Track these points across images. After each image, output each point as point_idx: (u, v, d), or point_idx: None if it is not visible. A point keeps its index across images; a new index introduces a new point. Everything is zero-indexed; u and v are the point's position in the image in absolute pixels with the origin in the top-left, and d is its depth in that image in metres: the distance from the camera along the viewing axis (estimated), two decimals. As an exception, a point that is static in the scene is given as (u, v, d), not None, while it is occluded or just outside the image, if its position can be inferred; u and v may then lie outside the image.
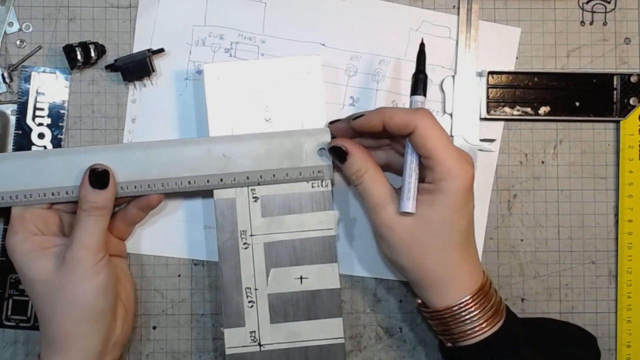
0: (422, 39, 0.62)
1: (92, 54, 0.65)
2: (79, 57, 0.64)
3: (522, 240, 0.68)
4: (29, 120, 0.66)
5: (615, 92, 0.67)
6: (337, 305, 0.63)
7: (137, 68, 0.65)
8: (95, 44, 0.65)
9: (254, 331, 0.63)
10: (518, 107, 0.67)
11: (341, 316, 0.63)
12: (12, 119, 0.66)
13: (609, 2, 0.68)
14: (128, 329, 0.63)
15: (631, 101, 0.67)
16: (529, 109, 0.67)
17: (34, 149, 0.66)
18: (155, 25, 0.66)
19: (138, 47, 0.66)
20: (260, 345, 0.63)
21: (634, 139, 0.67)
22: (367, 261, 0.67)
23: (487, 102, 0.67)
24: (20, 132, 0.66)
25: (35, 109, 0.66)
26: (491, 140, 0.67)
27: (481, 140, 0.67)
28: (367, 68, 0.67)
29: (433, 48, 0.63)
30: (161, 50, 0.66)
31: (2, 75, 0.66)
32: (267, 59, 0.66)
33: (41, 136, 0.66)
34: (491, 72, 0.67)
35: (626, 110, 0.67)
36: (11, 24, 0.66)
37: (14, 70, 0.66)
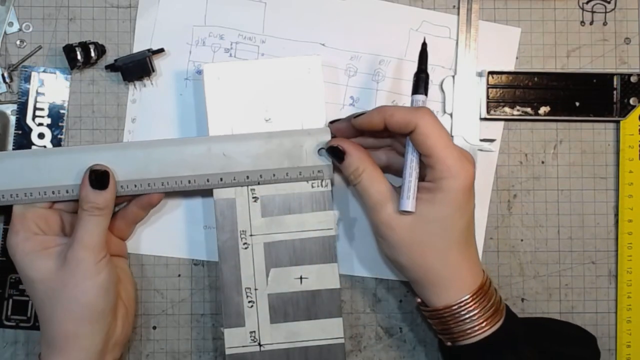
0: (425, 39, 0.62)
1: (92, 54, 0.65)
2: (79, 57, 0.64)
3: (522, 240, 0.68)
4: (29, 120, 0.66)
5: (615, 92, 0.67)
6: (337, 305, 0.63)
7: (137, 68, 0.65)
8: (95, 44, 0.65)
9: (254, 331, 0.63)
10: (518, 107, 0.67)
11: (341, 316, 0.63)
12: (12, 119, 0.66)
13: (609, 2, 0.68)
14: (128, 329, 0.63)
15: (631, 101, 0.67)
16: (529, 109, 0.67)
17: (34, 149, 0.66)
18: (155, 25, 0.67)
19: (138, 47, 0.66)
20: (260, 345, 0.63)
21: (634, 139, 0.67)
22: (367, 261, 0.67)
23: (487, 102, 0.67)
24: (20, 132, 0.66)
25: (35, 109, 0.66)
26: (491, 140, 0.67)
27: (481, 140, 0.67)
28: (367, 68, 0.67)
29: (433, 48, 0.63)
30: (161, 50, 0.66)
31: (2, 75, 0.66)
32: (267, 59, 0.66)
33: (41, 136, 0.66)
34: (491, 72, 0.67)
35: (626, 110, 0.67)
36: (11, 24, 0.66)
37: (14, 70, 0.66)
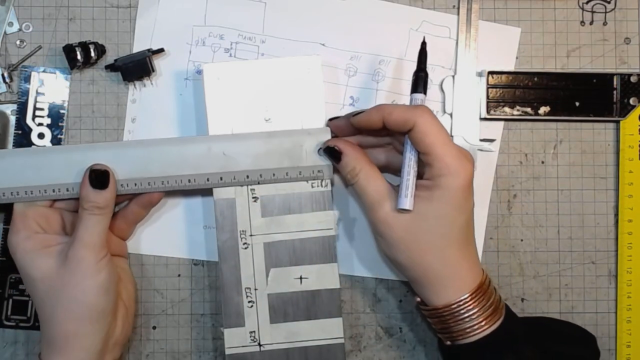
0: (424, 38, 0.62)
1: (92, 54, 0.65)
2: (78, 57, 0.64)
3: (522, 240, 0.68)
4: (28, 120, 0.66)
5: (615, 92, 0.67)
6: (337, 305, 0.63)
7: (137, 68, 0.65)
8: (95, 44, 0.65)
9: (254, 331, 0.63)
10: (518, 107, 0.67)
11: (341, 316, 0.63)
12: (12, 118, 0.66)
13: (608, 2, 0.68)
14: (128, 329, 0.63)
15: (631, 101, 0.67)
16: (528, 109, 0.67)
17: (34, 147, 0.65)
18: (155, 25, 0.67)
19: (138, 47, 0.66)
20: (260, 345, 0.63)
21: (633, 138, 0.67)
22: (366, 261, 0.67)
23: (487, 102, 0.67)
24: (20, 132, 0.66)
25: (35, 108, 0.66)
26: (491, 140, 0.67)
27: (481, 140, 0.67)
28: (367, 68, 0.67)
29: (433, 48, 0.63)
30: (161, 50, 0.66)
31: (2, 75, 0.66)
32: (267, 58, 0.66)
33: (41, 136, 0.66)
34: (491, 72, 0.67)
35: (626, 110, 0.67)
36: (11, 24, 0.66)
37: (14, 70, 0.66)
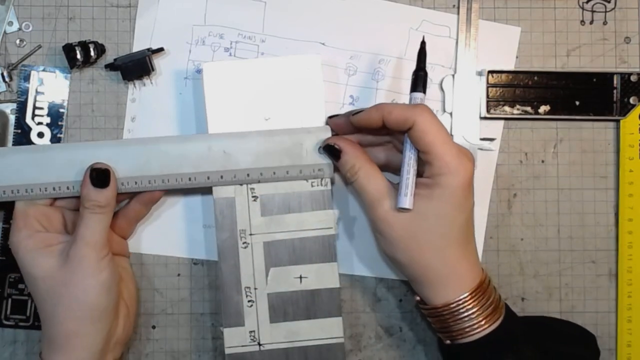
0: (424, 37, 0.62)
1: (92, 53, 0.65)
2: (78, 56, 0.64)
3: (522, 240, 0.68)
4: (28, 120, 0.66)
5: (615, 91, 0.67)
6: (336, 305, 0.63)
7: (137, 67, 0.65)
8: (95, 43, 0.65)
9: (254, 331, 0.62)
10: (518, 106, 0.67)
11: (341, 315, 0.63)
12: (12, 118, 0.66)
13: (609, 2, 0.68)
14: (130, 328, 0.63)
15: (631, 100, 0.67)
16: (529, 108, 0.67)
17: (34, 145, 0.65)
18: (154, 25, 0.66)
19: (138, 46, 0.66)
20: (259, 344, 0.62)
21: (634, 137, 0.67)
22: (366, 260, 0.67)
23: (487, 101, 0.66)
24: (19, 131, 0.66)
25: (34, 108, 0.66)
26: (491, 139, 0.67)
27: (481, 139, 0.67)
28: (367, 67, 0.67)
29: (433, 47, 0.63)
30: (161, 50, 0.66)
31: (2, 75, 0.66)
32: (266, 58, 0.66)
33: (41, 135, 0.66)
34: (491, 71, 0.67)
35: (626, 109, 0.67)
36: (11, 23, 0.66)
37: (13, 69, 0.66)
